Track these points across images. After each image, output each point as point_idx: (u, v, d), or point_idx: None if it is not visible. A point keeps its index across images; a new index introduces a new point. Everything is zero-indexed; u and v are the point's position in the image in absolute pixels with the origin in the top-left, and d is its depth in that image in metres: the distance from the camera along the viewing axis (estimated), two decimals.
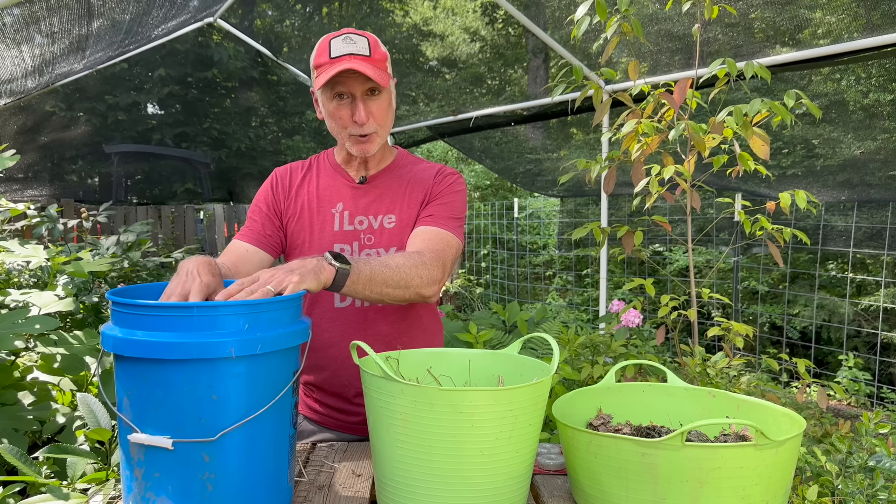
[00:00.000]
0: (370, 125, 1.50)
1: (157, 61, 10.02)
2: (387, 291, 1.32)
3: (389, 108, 1.55)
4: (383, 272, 1.31)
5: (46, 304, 2.02)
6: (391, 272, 1.32)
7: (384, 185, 1.62)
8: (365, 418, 1.59)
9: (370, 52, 1.47)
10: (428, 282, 1.39)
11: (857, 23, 3.49)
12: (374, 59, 1.47)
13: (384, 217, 1.58)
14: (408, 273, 1.35)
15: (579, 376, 2.45)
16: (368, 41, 1.48)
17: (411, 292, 1.37)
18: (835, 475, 2.09)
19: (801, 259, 6.53)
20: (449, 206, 1.58)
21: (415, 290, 1.37)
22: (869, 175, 4.18)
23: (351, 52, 1.45)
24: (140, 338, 0.96)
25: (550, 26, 4.20)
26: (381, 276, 1.30)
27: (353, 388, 1.58)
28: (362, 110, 1.48)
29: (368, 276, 1.28)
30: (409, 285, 1.36)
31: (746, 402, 1.20)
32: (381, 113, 1.51)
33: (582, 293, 7.73)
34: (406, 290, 1.36)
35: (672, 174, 2.30)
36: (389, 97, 1.54)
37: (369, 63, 1.45)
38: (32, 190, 6.79)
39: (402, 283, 1.34)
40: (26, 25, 3.52)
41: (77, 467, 1.39)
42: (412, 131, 6.32)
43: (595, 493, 1.05)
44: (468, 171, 12.06)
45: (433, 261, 1.43)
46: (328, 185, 1.63)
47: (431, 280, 1.40)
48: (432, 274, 1.41)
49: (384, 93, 1.51)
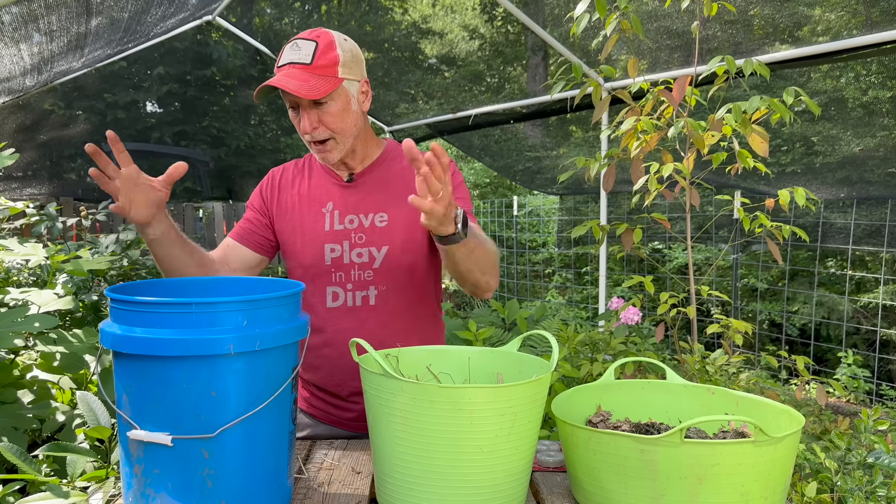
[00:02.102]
0: (321, 132, 1.48)
1: (156, 59, 10.02)
2: (474, 268, 1.39)
3: (345, 114, 1.49)
4: (482, 249, 1.38)
5: (46, 303, 2.02)
6: (485, 252, 1.40)
7: (373, 182, 1.60)
8: (359, 415, 1.60)
9: (312, 59, 1.43)
10: (497, 275, 1.49)
11: (856, 20, 3.49)
12: (316, 66, 1.43)
13: (375, 216, 1.57)
14: (494, 259, 1.45)
15: (578, 374, 2.45)
16: (317, 45, 1.45)
17: (486, 278, 1.44)
18: (834, 472, 2.09)
19: (800, 256, 6.53)
20: (465, 199, 1.56)
21: (490, 277, 1.45)
22: (868, 172, 4.18)
23: (292, 60, 1.44)
24: (139, 334, 0.96)
25: (549, 24, 4.20)
26: (480, 251, 1.37)
27: (348, 387, 1.58)
28: (305, 120, 1.47)
29: (472, 248, 1.33)
30: (490, 271, 1.44)
31: (745, 398, 1.20)
32: (332, 119, 1.47)
33: (581, 291, 7.73)
34: (484, 274, 1.42)
35: (671, 172, 2.30)
36: (345, 101, 1.48)
37: (307, 71, 1.42)
38: (31, 188, 6.78)
39: (488, 266, 1.42)
40: (25, 23, 3.52)
41: (77, 465, 1.39)
42: (411, 129, 6.32)
43: (594, 489, 1.05)
44: (468, 168, 12.05)
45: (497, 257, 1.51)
46: (319, 184, 1.63)
47: (498, 275, 1.50)
48: (498, 269, 1.49)
49: (335, 100, 1.46)
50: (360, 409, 1.60)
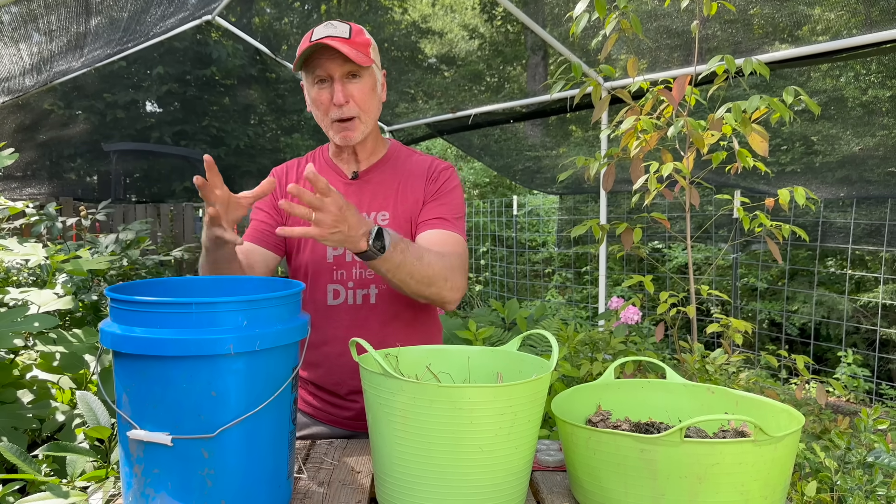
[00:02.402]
0: (350, 108, 1.49)
1: (156, 59, 10.01)
2: (410, 283, 1.35)
3: (373, 94, 1.52)
4: (414, 264, 1.32)
5: (45, 303, 2.02)
6: (421, 266, 1.34)
7: (377, 180, 1.60)
8: (357, 413, 1.59)
9: (350, 35, 1.46)
10: (452, 287, 1.41)
11: (855, 19, 3.49)
12: (354, 41, 1.45)
13: (377, 214, 1.57)
14: (437, 273, 1.37)
15: (578, 373, 2.45)
16: (351, 27, 1.48)
17: (433, 291, 1.39)
18: (833, 471, 2.10)
19: (800, 256, 6.53)
20: (452, 204, 1.57)
21: (438, 290, 1.39)
22: (868, 171, 4.18)
23: (329, 34, 1.45)
24: (138, 334, 0.96)
25: (549, 23, 4.20)
26: (410, 267, 1.32)
27: (346, 385, 1.58)
28: (340, 91, 1.46)
29: (398, 264, 1.29)
30: (434, 284, 1.37)
31: (745, 398, 1.20)
32: (362, 97, 1.49)
33: (581, 290, 7.73)
34: (429, 287, 1.37)
35: (671, 171, 2.30)
36: (373, 83, 1.52)
37: (348, 44, 1.43)
38: (31, 188, 6.79)
39: (426, 280, 1.36)
40: (24, 23, 3.52)
41: (77, 465, 1.39)
42: (411, 129, 6.32)
43: (594, 489, 1.05)
44: (467, 168, 12.05)
45: (461, 268, 1.45)
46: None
47: (455, 287, 1.42)
48: (458, 281, 1.43)
49: (366, 77, 1.49)
50: (358, 407, 1.60)
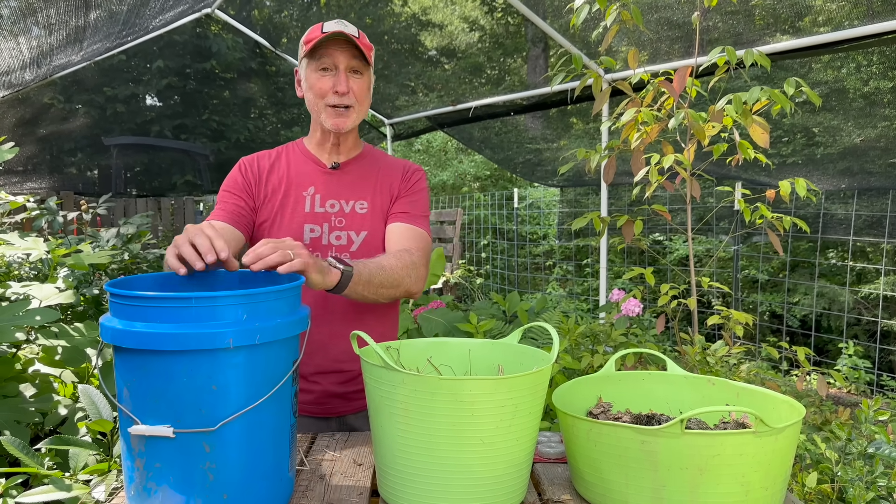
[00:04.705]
0: (350, 98, 1.58)
1: (156, 53, 9.99)
2: (381, 291, 1.45)
3: (368, 93, 1.64)
4: (379, 274, 1.43)
5: (47, 297, 2.02)
6: (386, 274, 1.45)
7: (356, 172, 1.68)
8: (318, 397, 1.63)
9: (358, 35, 1.57)
10: (416, 280, 1.53)
11: (857, 10, 3.48)
12: (362, 41, 1.57)
13: (356, 202, 1.64)
14: (399, 273, 1.48)
15: (579, 365, 2.45)
16: (358, 29, 1.60)
17: (401, 290, 1.51)
18: (834, 462, 2.10)
19: (801, 247, 6.53)
20: (419, 203, 1.68)
21: (405, 288, 1.51)
22: (869, 163, 4.17)
23: (342, 30, 1.55)
24: (139, 329, 0.96)
25: (550, 15, 4.18)
26: (378, 277, 1.43)
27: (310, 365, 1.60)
28: (344, 81, 1.56)
29: (367, 279, 1.39)
30: (400, 284, 1.49)
31: (746, 389, 1.21)
32: (360, 91, 1.60)
33: (582, 283, 7.73)
34: (397, 288, 1.49)
35: (672, 163, 2.30)
36: (370, 83, 1.64)
37: (357, 42, 1.55)
38: (32, 182, 6.78)
39: (394, 283, 1.47)
40: (23, 17, 3.51)
41: (79, 458, 1.40)
42: (411, 121, 6.30)
43: (595, 480, 1.06)
44: (468, 161, 12.04)
45: (420, 260, 1.56)
46: (301, 170, 1.67)
47: (419, 278, 1.54)
48: (420, 273, 1.55)
49: (366, 76, 1.61)
50: (319, 389, 1.62)
